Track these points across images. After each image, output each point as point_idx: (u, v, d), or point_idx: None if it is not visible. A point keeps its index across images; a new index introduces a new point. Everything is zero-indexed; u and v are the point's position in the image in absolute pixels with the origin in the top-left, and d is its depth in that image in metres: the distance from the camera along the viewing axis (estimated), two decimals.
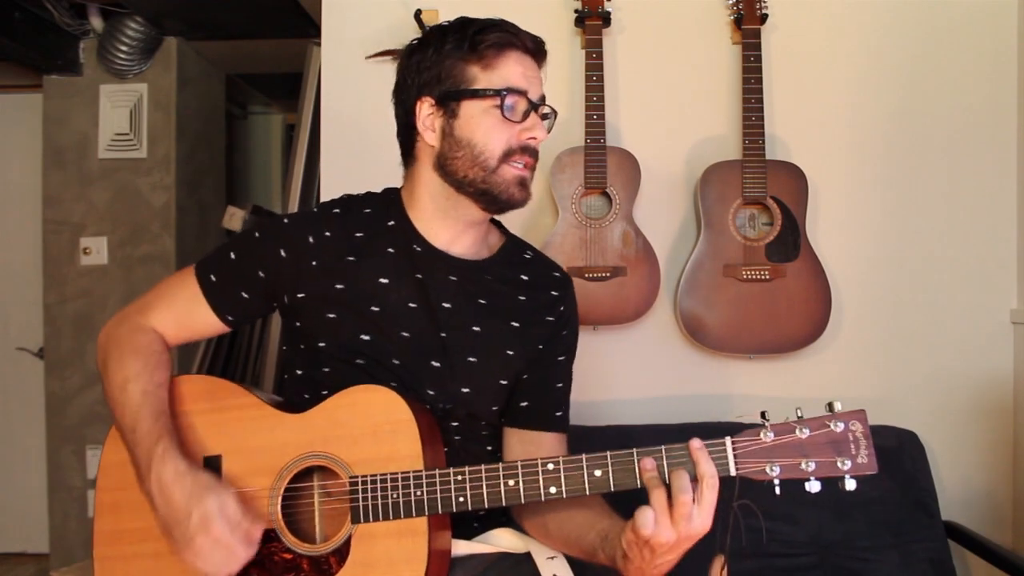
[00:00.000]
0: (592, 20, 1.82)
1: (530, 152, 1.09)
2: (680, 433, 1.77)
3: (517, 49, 1.08)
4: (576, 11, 1.84)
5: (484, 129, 1.06)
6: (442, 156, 1.09)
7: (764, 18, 1.82)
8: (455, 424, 1.12)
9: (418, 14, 1.89)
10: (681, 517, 0.86)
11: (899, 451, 1.71)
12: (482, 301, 1.14)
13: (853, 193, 1.90)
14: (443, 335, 1.11)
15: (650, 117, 1.92)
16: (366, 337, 1.09)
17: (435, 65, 1.08)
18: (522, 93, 1.06)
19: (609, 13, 1.83)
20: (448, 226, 1.13)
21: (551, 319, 1.19)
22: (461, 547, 1.08)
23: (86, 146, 2.92)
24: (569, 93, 1.91)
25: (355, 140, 1.92)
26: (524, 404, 1.17)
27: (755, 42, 1.79)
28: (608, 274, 1.79)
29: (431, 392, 1.09)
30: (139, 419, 1.02)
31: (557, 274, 1.24)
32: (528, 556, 1.07)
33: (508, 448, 1.19)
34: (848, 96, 1.90)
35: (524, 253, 1.24)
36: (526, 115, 1.07)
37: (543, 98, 1.11)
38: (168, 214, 2.93)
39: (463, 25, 1.09)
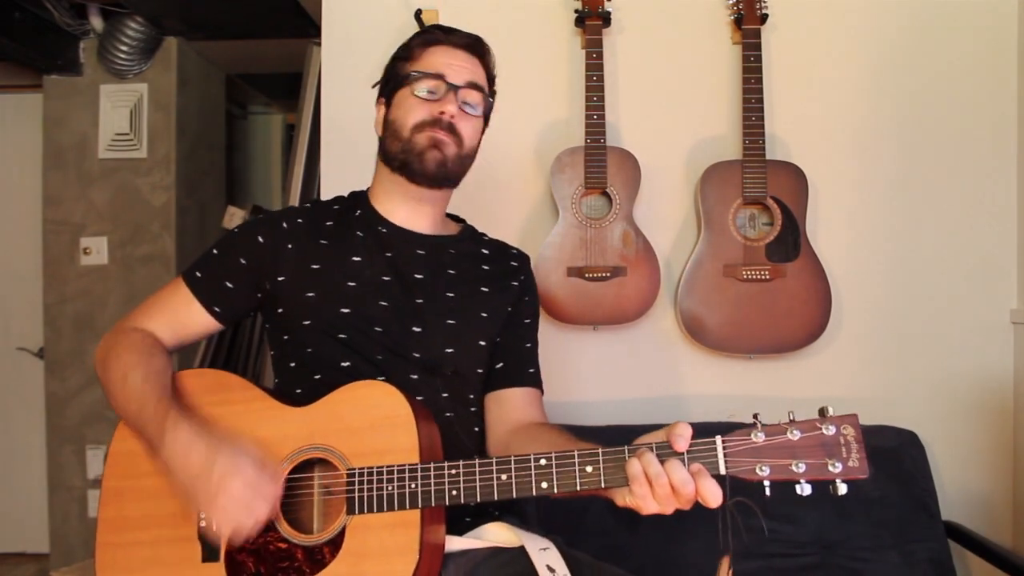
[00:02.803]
0: (592, 20, 1.82)
1: (441, 125, 1.17)
2: None
3: (443, 44, 1.21)
4: (576, 11, 1.84)
5: (404, 108, 1.20)
6: (382, 142, 1.24)
7: (764, 18, 1.82)
8: (445, 395, 1.16)
9: (418, 14, 1.89)
10: (662, 494, 0.89)
11: (899, 451, 1.71)
12: (451, 271, 1.24)
13: (853, 193, 1.90)
14: (419, 301, 1.19)
15: (650, 117, 1.92)
16: (346, 310, 1.15)
17: (387, 70, 1.26)
18: (438, 76, 1.18)
19: (609, 13, 1.83)
20: (400, 203, 1.24)
21: (515, 284, 1.30)
22: (454, 543, 1.09)
23: (86, 146, 2.92)
24: (569, 93, 1.91)
25: (355, 140, 1.92)
26: (500, 366, 1.27)
27: (755, 42, 1.79)
28: (608, 274, 1.79)
29: (416, 355, 1.16)
30: (145, 401, 1.06)
31: (514, 250, 1.37)
32: (521, 550, 1.07)
33: (488, 414, 1.26)
34: (848, 96, 1.90)
35: (483, 237, 1.36)
36: (444, 95, 1.18)
37: (473, 84, 1.21)
38: (168, 214, 2.93)
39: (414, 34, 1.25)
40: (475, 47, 1.23)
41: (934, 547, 1.65)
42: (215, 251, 1.22)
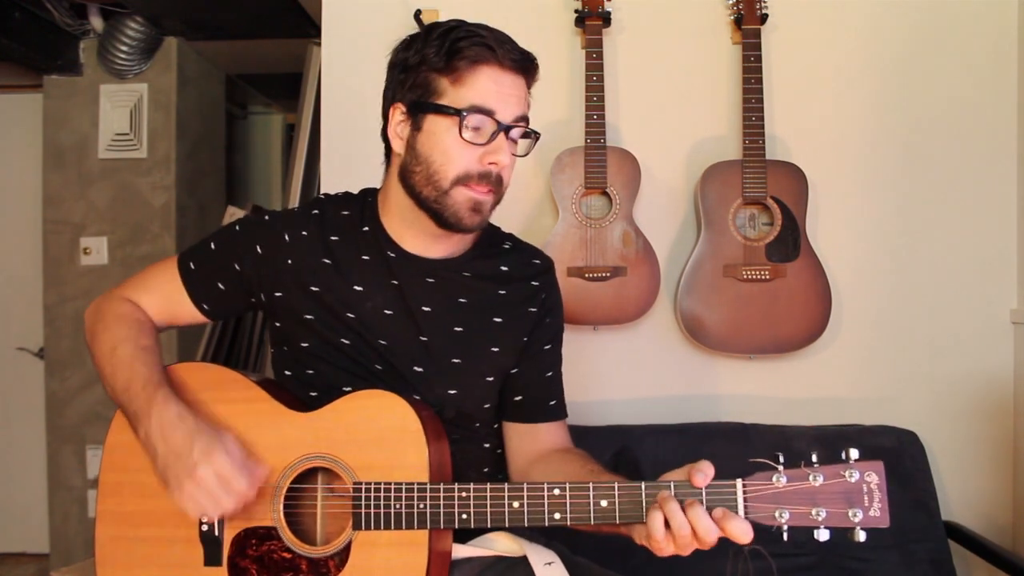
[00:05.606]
0: (592, 20, 1.82)
1: (490, 179, 1.03)
2: (680, 434, 1.78)
3: (492, 65, 1.01)
4: (576, 11, 1.84)
5: (443, 148, 1.02)
6: (404, 167, 1.07)
7: (764, 18, 1.82)
8: (449, 424, 1.12)
9: (418, 14, 1.89)
10: (682, 541, 0.87)
11: (899, 451, 1.71)
12: (462, 300, 1.14)
13: (853, 193, 1.90)
14: (424, 339, 1.11)
15: (650, 117, 1.92)
16: (346, 341, 1.10)
17: (412, 70, 1.04)
18: (488, 113, 1.01)
19: (609, 13, 1.83)
20: (416, 235, 1.12)
21: (533, 310, 1.18)
22: (458, 550, 1.08)
23: (86, 146, 2.92)
24: (569, 93, 1.91)
25: (355, 140, 1.92)
26: (518, 399, 1.19)
27: (755, 42, 1.79)
28: (608, 274, 1.79)
29: (417, 397, 1.09)
30: (133, 375, 1.04)
31: (537, 261, 1.23)
32: (524, 560, 1.06)
33: (508, 443, 1.21)
34: (848, 96, 1.90)
35: (503, 243, 1.23)
36: (493, 137, 1.02)
37: (523, 118, 1.05)
38: (168, 214, 2.93)
39: (449, 30, 1.03)
40: (526, 68, 1.05)
41: (934, 547, 1.65)
42: (213, 245, 1.16)
